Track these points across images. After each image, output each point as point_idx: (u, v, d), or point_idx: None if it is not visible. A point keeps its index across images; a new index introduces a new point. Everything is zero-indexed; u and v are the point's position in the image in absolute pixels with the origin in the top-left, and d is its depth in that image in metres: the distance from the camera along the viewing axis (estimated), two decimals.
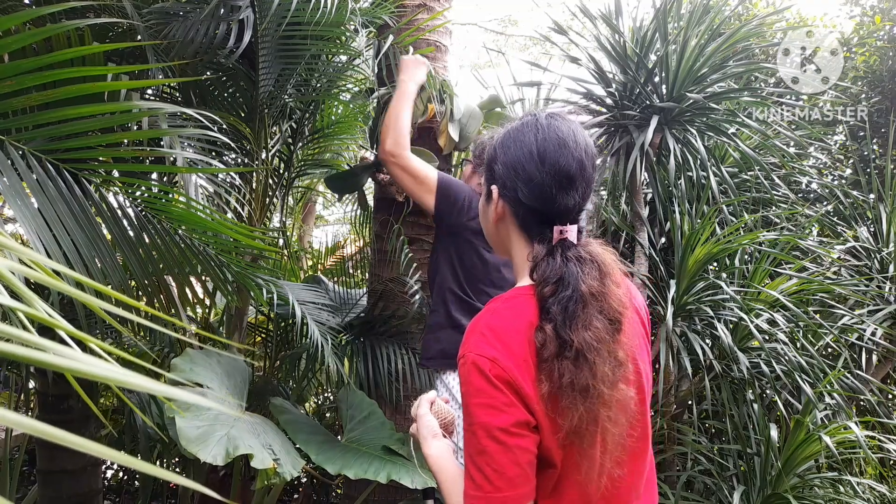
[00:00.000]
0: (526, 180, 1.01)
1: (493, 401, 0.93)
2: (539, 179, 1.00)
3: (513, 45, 12.77)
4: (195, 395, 0.43)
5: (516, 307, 1.00)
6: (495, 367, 0.93)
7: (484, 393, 0.93)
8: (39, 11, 1.27)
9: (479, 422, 0.93)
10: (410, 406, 2.58)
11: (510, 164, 1.04)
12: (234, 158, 2.67)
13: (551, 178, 1.00)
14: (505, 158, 1.05)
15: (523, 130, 1.05)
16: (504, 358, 0.94)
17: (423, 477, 1.91)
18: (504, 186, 1.04)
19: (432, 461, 1.09)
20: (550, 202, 1.01)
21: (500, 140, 1.07)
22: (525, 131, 1.04)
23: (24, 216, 1.43)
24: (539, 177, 1.00)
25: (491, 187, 1.07)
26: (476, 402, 0.94)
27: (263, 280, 2.14)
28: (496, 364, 0.93)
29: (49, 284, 0.51)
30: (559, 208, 1.01)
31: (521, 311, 0.99)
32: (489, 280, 1.94)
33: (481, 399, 0.93)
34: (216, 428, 1.67)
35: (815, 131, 3.57)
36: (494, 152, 1.08)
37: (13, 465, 2.99)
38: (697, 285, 2.79)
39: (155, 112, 1.65)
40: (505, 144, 1.06)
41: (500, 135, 1.09)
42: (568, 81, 3.10)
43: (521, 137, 1.04)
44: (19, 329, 0.45)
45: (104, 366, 0.40)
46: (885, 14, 4.21)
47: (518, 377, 0.93)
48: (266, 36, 2.26)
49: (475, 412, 0.94)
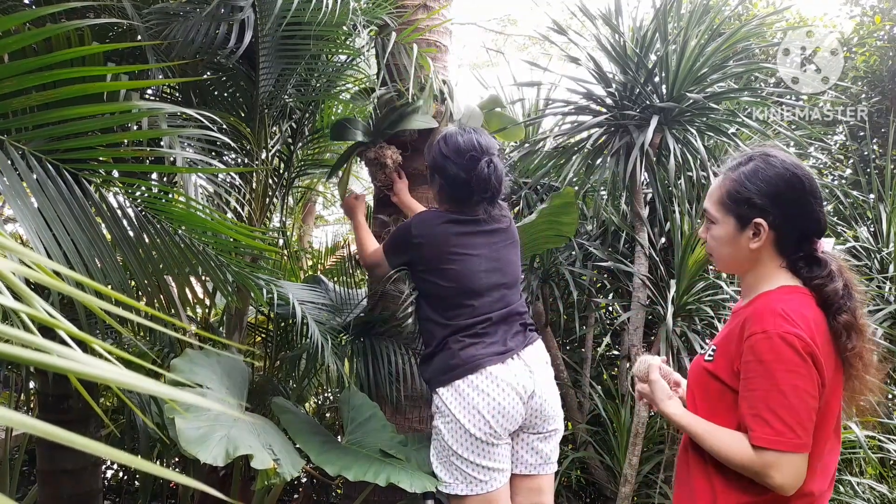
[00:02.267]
0: (806, 208, 1.29)
1: (798, 368, 1.17)
2: (812, 207, 1.28)
3: (512, 44, 12.76)
4: (195, 396, 0.43)
5: (797, 300, 1.25)
6: (801, 342, 1.18)
7: (791, 362, 1.17)
8: (39, 12, 1.27)
9: (789, 383, 1.17)
10: (411, 407, 2.58)
11: (785, 198, 1.28)
12: (234, 158, 2.67)
13: (818, 202, 1.29)
14: (775, 192, 1.28)
15: (773, 166, 1.30)
16: (805, 335, 1.18)
17: (422, 480, 1.91)
18: (775, 217, 1.28)
19: (678, 417, 1.35)
20: (816, 222, 1.30)
21: (769, 179, 1.30)
22: (777, 167, 1.30)
23: (24, 216, 1.43)
24: (813, 204, 1.29)
25: (756, 221, 1.29)
26: (783, 369, 1.17)
27: (263, 280, 2.14)
28: (800, 339, 1.18)
29: (49, 285, 0.51)
30: (821, 225, 1.31)
31: (803, 302, 1.25)
32: (455, 304, 1.98)
33: (789, 368, 1.17)
34: (216, 428, 1.67)
35: (815, 131, 3.57)
36: (752, 191, 1.30)
37: (13, 464, 2.99)
38: (697, 285, 2.79)
39: (155, 112, 1.65)
40: (770, 181, 1.29)
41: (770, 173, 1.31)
42: (568, 81, 3.10)
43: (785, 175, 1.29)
44: (21, 330, 0.45)
45: (106, 367, 0.40)
46: (885, 14, 4.21)
47: (816, 350, 1.18)
48: (266, 36, 2.25)
49: (782, 377, 1.17)
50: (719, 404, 1.31)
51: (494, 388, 1.84)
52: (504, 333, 1.95)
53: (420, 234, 2.01)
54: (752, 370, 1.21)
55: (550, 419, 1.96)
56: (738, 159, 1.37)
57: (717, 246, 1.39)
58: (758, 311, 1.25)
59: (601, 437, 3.10)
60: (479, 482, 1.86)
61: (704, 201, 1.42)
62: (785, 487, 1.18)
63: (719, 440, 1.25)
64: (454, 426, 1.86)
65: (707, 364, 1.35)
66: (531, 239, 2.58)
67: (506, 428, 1.86)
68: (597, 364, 3.54)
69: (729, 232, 1.34)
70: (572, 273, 3.16)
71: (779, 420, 1.16)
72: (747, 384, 1.22)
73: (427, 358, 2.00)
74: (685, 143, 2.85)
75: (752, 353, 1.22)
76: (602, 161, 3.03)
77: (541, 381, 1.92)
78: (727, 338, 1.33)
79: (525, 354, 1.94)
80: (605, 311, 3.59)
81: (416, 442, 2.27)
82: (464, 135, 1.99)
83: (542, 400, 1.91)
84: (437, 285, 1.98)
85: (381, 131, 2.53)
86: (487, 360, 1.87)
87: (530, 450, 1.97)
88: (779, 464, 1.16)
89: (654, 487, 2.90)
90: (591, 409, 3.18)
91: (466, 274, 1.96)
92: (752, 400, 1.21)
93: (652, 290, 2.84)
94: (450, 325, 1.95)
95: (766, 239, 1.29)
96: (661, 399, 1.40)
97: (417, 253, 2.02)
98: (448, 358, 1.91)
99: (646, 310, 2.80)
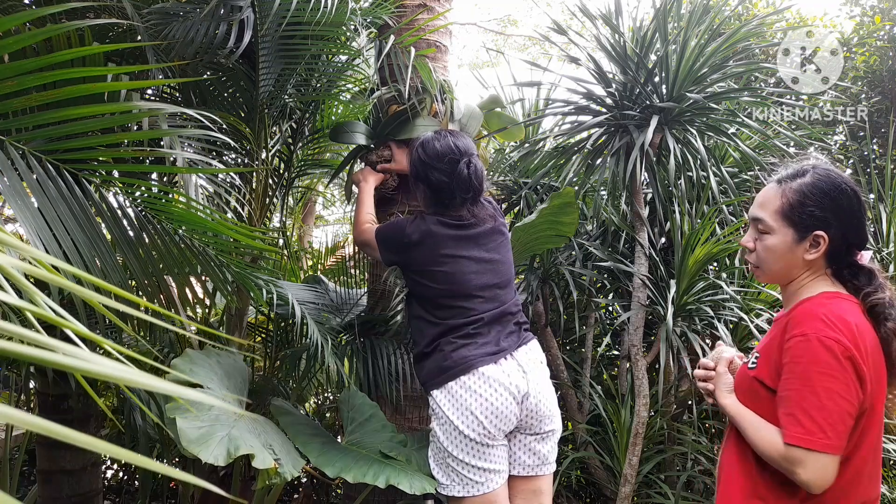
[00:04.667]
0: (860, 221, 1.35)
1: (834, 372, 1.20)
2: (863, 220, 1.35)
3: (512, 44, 12.77)
4: (200, 394, 0.43)
5: (840, 305, 1.29)
6: (839, 346, 1.21)
7: (827, 365, 1.21)
8: (40, 12, 1.27)
9: (823, 385, 1.20)
10: (411, 406, 2.58)
11: (844, 211, 1.33)
12: (234, 158, 2.67)
13: (865, 215, 1.36)
14: (837, 206, 1.33)
15: (835, 184, 1.35)
16: (845, 339, 1.22)
17: (421, 482, 1.91)
18: (835, 230, 1.33)
19: (729, 408, 1.40)
20: (864, 234, 1.36)
21: (831, 193, 1.34)
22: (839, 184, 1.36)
23: (25, 216, 1.43)
24: (863, 217, 1.35)
25: (817, 233, 1.33)
26: (818, 371, 1.21)
27: (263, 280, 2.14)
28: (839, 343, 1.21)
29: (50, 281, 0.51)
30: (866, 237, 1.36)
31: (846, 308, 1.29)
32: (446, 305, 1.98)
33: (825, 371, 1.21)
34: (217, 428, 1.67)
35: (815, 131, 3.58)
36: (815, 204, 1.34)
37: (13, 464, 2.99)
38: (697, 285, 2.79)
39: (155, 112, 1.65)
40: (831, 194, 1.34)
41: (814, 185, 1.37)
42: (568, 81, 3.09)
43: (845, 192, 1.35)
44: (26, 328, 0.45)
45: (110, 364, 0.40)
46: (885, 14, 4.21)
47: (856, 355, 1.21)
48: (266, 36, 2.25)
49: (817, 380, 1.21)
50: (766, 408, 1.34)
51: (487, 388, 1.84)
52: (497, 334, 1.95)
53: (412, 236, 2.01)
54: (789, 371, 1.26)
55: (547, 419, 1.95)
56: (793, 170, 1.40)
57: (769, 257, 1.40)
58: (798, 315, 1.29)
59: (601, 438, 3.10)
60: (475, 483, 1.86)
61: (754, 210, 1.43)
62: (811, 485, 1.22)
63: (760, 433, 1.30)
64: (448, 428, 1.87)
65: (751, 372, 1.38)
66: (531, 239, 2.58)
67: (500, 428, 1.86)
68: (597, 364, 3.54)
69: (787, 242, 1.36)
70: (572, 273, 3.16)
71: (810, 419, 1.21)
72: (784, 384, 1.27)
73: (419, 358, 2.01)
74: (685, 143, 2.85)
75: (790, 355, 1.26)
76: (602, 161, 3.02)
77: (535, 382, 1.92)
78: (769, 344, 1.36)
79: (518, 354, 1.94)
80: (605, 311, 3.59)
81: (416, 442, 2.27)
82: (440, 139, 2.01)
83: (536, 400, 1.91)
84: (428, 287, 1.99)
85: (384, 136, 2.53)
86: (479, 361, 1.87)
87: (528, 451, 1.97)
88: (805, 461, 1.21)
89: (654, 487, 2.90)
90: (591, 409, 3.18)
91: (457, 276, 1.97)
92: (787, 400, 1.26)
93: (652, 290, 2.84)
94: (441, 324, 1.95)
95: (822, 251, 1.34)
96: (720, 389, 1.45)
97: (409, 254, 2.02)
98: (440, 360, 1.91)
99: (646, 310, 2.80)
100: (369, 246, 2.18)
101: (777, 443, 1.26)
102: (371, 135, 2.57)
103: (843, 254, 1.35)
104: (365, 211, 2.31)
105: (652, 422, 2.85)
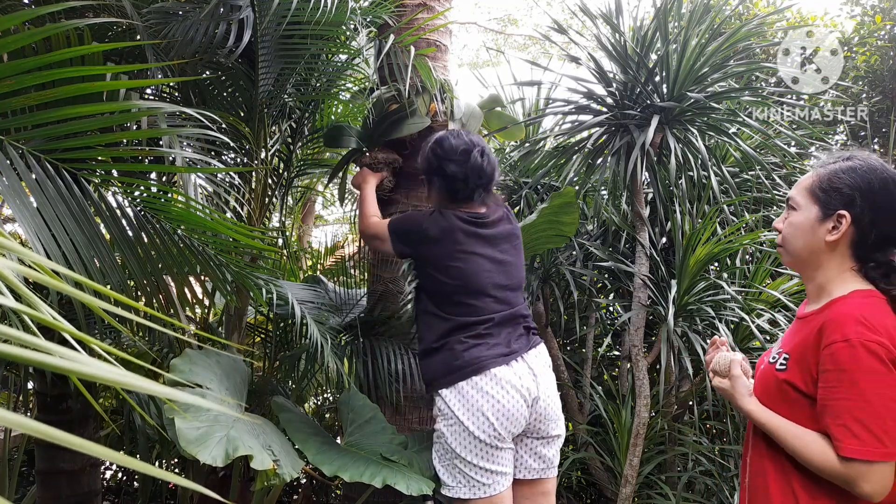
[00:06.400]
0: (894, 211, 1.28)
1: (883, 377, 1.17)
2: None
3: (512, 44, 12.76)
4: (193, 396, 0.42)
5: (875, 306, 1.25)
6: (883, 349, 1.18)
7: (875, 371, 1.17)
8: (39, 11, 1.27)
9: (874, 392, 1.17)
10: (411, 407, 2.58)
11: (875, 195, 1.28)
12: (233, 158, 2.66)
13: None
14: (868, 187, 1.28)
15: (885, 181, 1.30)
16: (887, 342, 1.18)
17: (419, 483, 1.90)
18: (861, 212, 1.28)
19: (757, 415, 1.35)
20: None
21: (864, 175, 1.29)
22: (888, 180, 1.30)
23: (24, 216, 1.42)
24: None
25: (840, 212, 1.28)
26: (867, 378, 1.17)
27: (263, 280, 2.14)
28: (883, 346, 1.18)
29: (49, 284, 0.50)
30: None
31: (881, 309, 1.25)
32: (457, 301, 1.97)
33: (873, 376, 1.17)
34: (215, 429, 1.66)
35: (815, 131, 3.57)
36: (843, 182, 1.30)
37: (12, 465, 2.98)
38: (698, 285, 2.78)
39: (154, 111, 1.65)
40: (865, 176, 1.30)
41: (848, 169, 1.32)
42: (568, 81, 3.09)
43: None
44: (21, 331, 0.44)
45: (106, 367, 0.39)
46: (885, 13, 4.21)
47: None
48: (266, 35, 2.25)
49: (867, 386, 1.17)
50: (798, 412, 1.30)
51: (499, 390, 1.83)
52: (507, 336, 1.94)
53: (430, 230, 2.01)
54: (833, 379, 1.21)
55: (553, 423, 1.95)
56: (837, 156, 1.37)
57: (792, 234, 1.37)
58: (836, 317, 1.24)
59: (602, 438, 3.10)
60: (482, 485, 1.85)
61: (791, 191, 1.40)
62: (874, 496, 1.19)
63: (803, 443, 1.25)
64: (457, 428, 1.85)
65: (780, 374, 1.33)
66: (531, 239, 2.58)
67: (510, 431, 1.85)
68: (597, 364, 3.54)
69: (809, 219, 1.33)
70: (573, 273, 3.15)
71: (865, 430, 1.17)
72: (831, 393, 1.22)
73: (426, 354, 1.98)
74: (686, 143, 2.84)
75: (834, 361, 1.21)
76: (603, 161, 3.02)
77: (544, 385, 1.92)
78: (801, 346, 1.31)
79: (529, 357, 1.93)
80: (605, 312, 3.58)
81: (416, 443, 2.26)
82: (455, 136, 2.08)
83: (545, 404, 1.90)
84: (441, 282, 1.97)
85: (376, 138, 2.53)
86: (492, 362, 1.85)
87: (534, 455, 1.96)
88: (868, 474, 1.18)
89: (655, 488, 2.90)
90: (592, 410, 3.18)
91: (471, 273, 1.96)
92: (836, 409, 1.21)
93: (653, 290, 2.83)
94: (451, 321, 1.94)
95: (844, 234, 1.29)
96: (741, 395, 1.40)
97: (424, 248, 2.01)
98: (451, 359, 1.89)
99: (647, 310, 2.79)
100: (378, 238, 2.16)
101: (830, 456, 1.21)
102: (364, 137, 2.56)
103: (870, 245, 1.29)
104: (369, 206, 2.32)
105: (653, 422, 2.85)
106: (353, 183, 2.52)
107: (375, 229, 2.18)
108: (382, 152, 2.53)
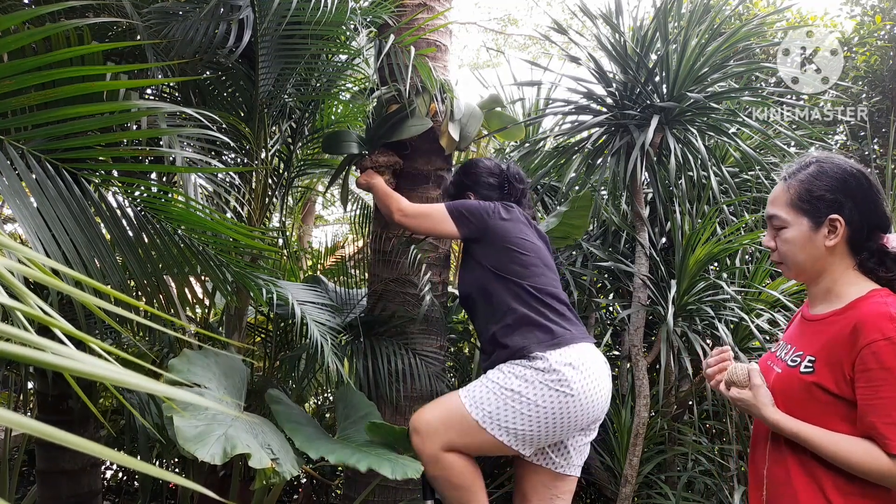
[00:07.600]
0: (875, 200, 1.32)
1: None
2: (878, 199, 1.32)
3: (512, 44, 12.76)
4: (192, 394, 0.42)
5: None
6: None
7: None
8: (39, 11, 1.27)
9: None
10: (411, 407, 2.58)
11: (854, 191, 1.32)
12: (233, 158, 2.66)
13: (881, 196, 1.32)
14: (845, 186, 1.31)
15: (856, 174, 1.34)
16: None
17: (403, 467, 1.85)
18: (849, 211, 1.31)
19: (784, 423, 1.31)
20: (883, 214, 1.32)
21: (837, 175, 1.33)
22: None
23: (24, 216, 1.43)
24: (879, 196, 1.32)
25: (831, 217, 1.31)
26: None
27: (263, 280, 2.14)
28: None
29: (48, 283, 0.50)
30: (888, 219, 1.33)
31: None
32: (535, 270, 2.02)
33: None
34: (214, 427, 1.67)
35: (815, 131, 3.57)
36: (823, 188, 1.33)
37: (12, 465, 2.98)
38: (698, 285, 2.78)
39: (154, 111, 1.65)
40: (838, 176, 1.33)
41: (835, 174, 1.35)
42: (568, 81, 3.09)
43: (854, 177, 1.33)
44: (19, 328, 0.44)
45: (103, 365, 0.39)
46: (885, 14, 4.21)
47: None
48: (266, 35, 2.25)
49: None
50: (828, 414, 1.29)
51: (602, 365, 1.89)
52: (579, 323, 2.00)
53: (500, 210, 2.09)
54: (878, 378, 1.21)
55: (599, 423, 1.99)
56: (797, 165, 1.39)
57: (790, 250, 1.37)
58: (869, 317, 1.24)
59: (601, 438, 3.09)
60: (519, 438, 1.79)
61: (767, 210, 1.41)
62: None
63: (843, 448, 1.24)
64: (549, 391, 1.76)
65: (807, 376, 1.31)
66: None
67: (596, 417, 1.88)
68: None
69: (803, 232, 1.34)
70: (573, 273, 3.15)
71: None
72: (876, 392, 1.21)
73: (507, 331, 1.90)
74: (686, 143, 2.84)
75: (877, 360, 1.21)
76: (602, 161, 3.02)
77: None
78: (830, 347, 1.29)
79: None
80: (605, 311, 3.59)
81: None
82: (485, 160, 2.33)
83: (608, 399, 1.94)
84: (517, 254, 2.01)
85: (376, 141, 2.53)
86: (588, 339, 1.93)
87: (578, 451, 1.97)
88: None
89: (655, 488, 2.90)
90: None
91: (538, 250, 2.07)
92: (884, 408, 1.20)
93: (652, 290, 2.83)
94: (533, 288, 1.95)
95: (841, 235, 1.31)
96: (764, 405, 1.36)
97: (498, 222, 2.06)
98: (543, 329, 1.87)
99: (646, 310, 2.79)
100: (428, 217, 2.14)
101: (876, 456, 1.20)
102: (363, 141, 2.57)
103: (864, 239, 1.32)
104: (392, 193, 2.32)
105: (652, 422, 2.85)
106: (360, 185, 2.52)
107: (421, 209, 2.19)
108: (383, 155, 2.53)
